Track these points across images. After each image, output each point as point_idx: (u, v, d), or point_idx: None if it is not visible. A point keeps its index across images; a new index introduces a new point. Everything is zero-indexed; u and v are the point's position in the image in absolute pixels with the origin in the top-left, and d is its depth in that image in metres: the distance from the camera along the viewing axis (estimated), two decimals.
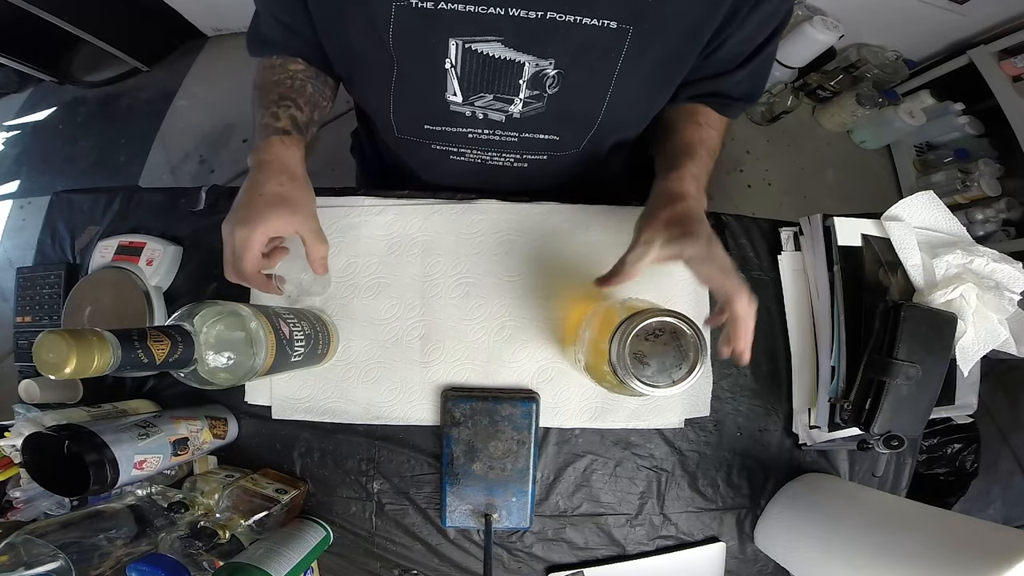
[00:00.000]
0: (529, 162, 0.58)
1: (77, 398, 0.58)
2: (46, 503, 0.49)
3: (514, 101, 0.48)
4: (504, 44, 0.43)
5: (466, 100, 0.48)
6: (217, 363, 0.37)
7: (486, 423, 0.54)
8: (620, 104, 0.49)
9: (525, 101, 0.48)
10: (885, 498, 0.55)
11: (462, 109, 0.49)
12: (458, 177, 0.61)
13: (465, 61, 0.44)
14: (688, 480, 0.59)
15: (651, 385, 0.39)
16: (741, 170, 1.73)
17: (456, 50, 0.43)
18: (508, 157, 0.57)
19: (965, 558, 0.40)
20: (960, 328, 0.55)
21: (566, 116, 0.50)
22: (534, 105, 0.49)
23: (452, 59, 0.44)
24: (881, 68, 1.62)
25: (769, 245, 0.63)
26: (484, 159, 0.57)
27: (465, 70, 0.45)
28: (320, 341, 0.51)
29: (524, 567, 0.58)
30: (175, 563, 0.44)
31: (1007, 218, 1.51)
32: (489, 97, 0.48)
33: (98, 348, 0.29)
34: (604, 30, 0.41)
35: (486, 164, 0.58)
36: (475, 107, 0.49)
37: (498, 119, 0.51)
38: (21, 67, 1.65)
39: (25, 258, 0.64)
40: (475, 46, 0.43)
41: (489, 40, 0.43)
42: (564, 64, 0.45)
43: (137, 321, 0.55)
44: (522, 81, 0.46)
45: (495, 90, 0.47)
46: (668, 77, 0.49)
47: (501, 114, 0.50)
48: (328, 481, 0.57)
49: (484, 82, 0.46)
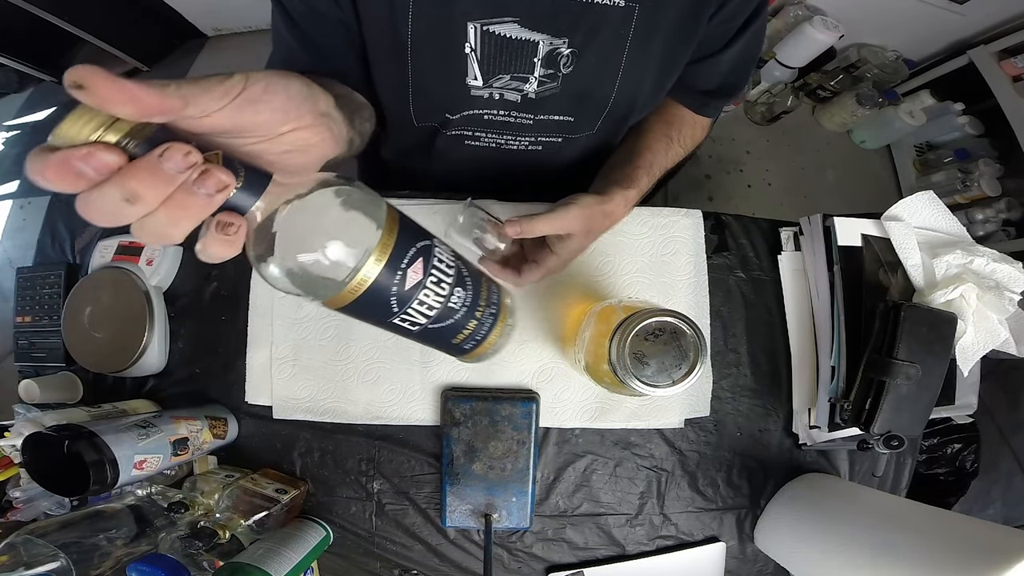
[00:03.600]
0: (544, 145, 0.57)
1: (77, 398, 0.58)
2: (46, 503, 0.49)
3: (529, 80, 0.49)
4: (520, 24, 0.44)
5: (486, 83, 0.49)
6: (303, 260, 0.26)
7: (486, 423, 0.54)
8: (631, 82, 0.50)
9: (540, 80, 0.49)
10: (885, 498, 0.55)
11: (481, 92, 0.50)
12: (471, 164, 0.60)
13: (484, 44, 0.45)
14: (688, 480, 0.59)
15: (651, 385, 0.39)
16: (741, 170, 1.73)
17: (475, 33, 0.44)
18: (523, 140, 0.57)
19: (965, 558, 0.40)
20: (960, 328, 0.55)
21: (580, 96, 0.51)
22: (548, 85, 0.49)
23: (472, 43, 0.45)
24: (881, 68, 1.62)
25: (769, 245, 0.63)
26: (499, 143, 0.57)
27: (485, 53, 0.46)
28: (479, 300, 0.35)
29: (524, 567, 0.58)
30: (175, 563, 0.44)
31: (1007, 218, 1.51)
32: (506, 78, 0.48)
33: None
34: (614, 8, 0.43)
35: (501, 148, 0.58)
36: (493, 88, 0.50)
37: (514, 99, 0.51)
38: (21, 67, 1.65)
39: (25, 258, 0.64)
40: (493, 28, 0.44)
41: (505, 21, 0.44)
42: (578, 43, 0.45)
43: (137, 323, 0.55)
44: (536, 59, 0.47)
45: (512, 70, 0.48)
46: (676, 54, 0.50)
47: (517, 94, 0.50)
48: (328, 481, 0.57)
49: (502, 63, 0.47)
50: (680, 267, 0.60)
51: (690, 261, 0.60)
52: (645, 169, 0.52)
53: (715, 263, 0.61)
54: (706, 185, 1.70)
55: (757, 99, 1.71)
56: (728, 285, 0.62)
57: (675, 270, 0.60)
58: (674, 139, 0.56)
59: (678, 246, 0.60)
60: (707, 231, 0.61)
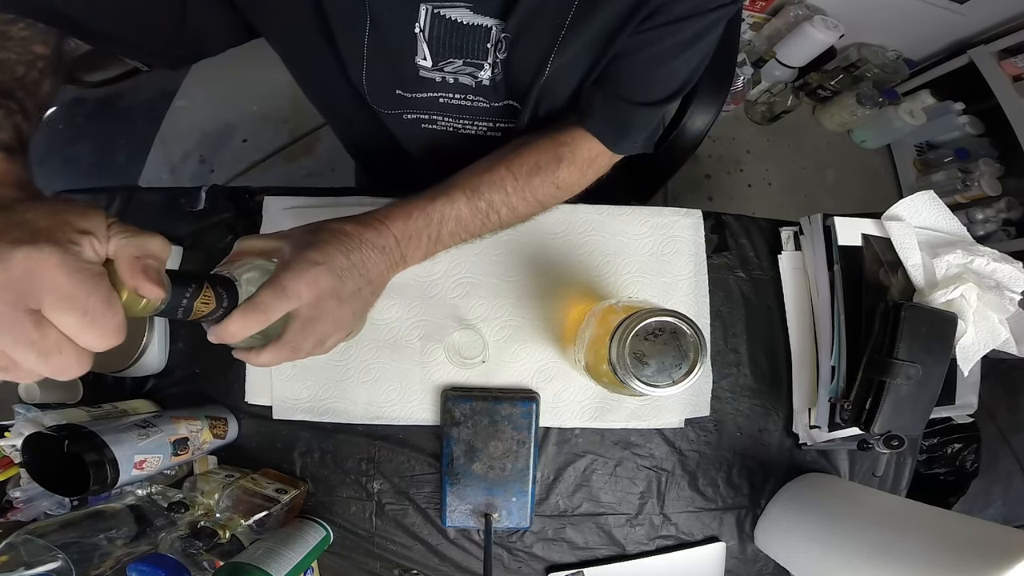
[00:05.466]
0: (503, 131, 0.56)
1: (77, 398, 0.57)
2: (46, 503, 0.49)
3: (483, 67, 0.48)
4: (473, 11, 0.43)
5: (435, 65, 0.48)
6: None
7: (486, 423, 0.54)
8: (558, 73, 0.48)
9: (493, 65, 0.48)
10: (885, 498, 0.55)
11: (432, 75, 0.49)
12: (432, 149, 0.59)
13: (434, 26, 0.44)
14: (688, 480, 0.59)
15: (651, 385, 0.39)
16: (741, 170, 1.73)
17: (425, 14, 0.44)
18: (481, 125, 0.56)
19: (965, 558, 0.40)
20: (960, 328, 0.55)
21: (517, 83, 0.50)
22: (499, 71, 0.49)
23: (421, 23, 0.44)
24: (881, 68, 1.62)
25: (769, 245, 0.63)
26: (456, 127, 0.56)
27: (433, 35, 0.45)
28: None
29: (524, 567, 0.58)
30: (175, 563, 0.44)
31: (1007, 218, 1.51)
32: (459, 62, 0.48)
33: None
34: None
35: (459, 133, 0.57)
36: (445, 72, 0.49)
37: (468, 83, 0.50)
38: None
39: None
40: (444, 11, 0.43)
41: (457, 6, 0.43)
42: (512, 27, 0.44)
43: (137, 323, 0.55)
44: (489, 45, 0.46)
45: (464, 55, 0.47)
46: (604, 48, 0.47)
47: (471, 79, 0.50)
48: (328, 481, 0.57)
49: (453, 47, 0.46)
50: (680, 267, 0.60)
51: (690, 261, 0.60)
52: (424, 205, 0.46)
53: (715, 263, 0.61)
54: (706, 185, 1.70)
55: (757, 99, 1.71)
56: (728, 285, 0.62)
57: (675, 270, 0.60)
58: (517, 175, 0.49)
59: (678, 246, 0.60)
60: (707, 231, 0.61)
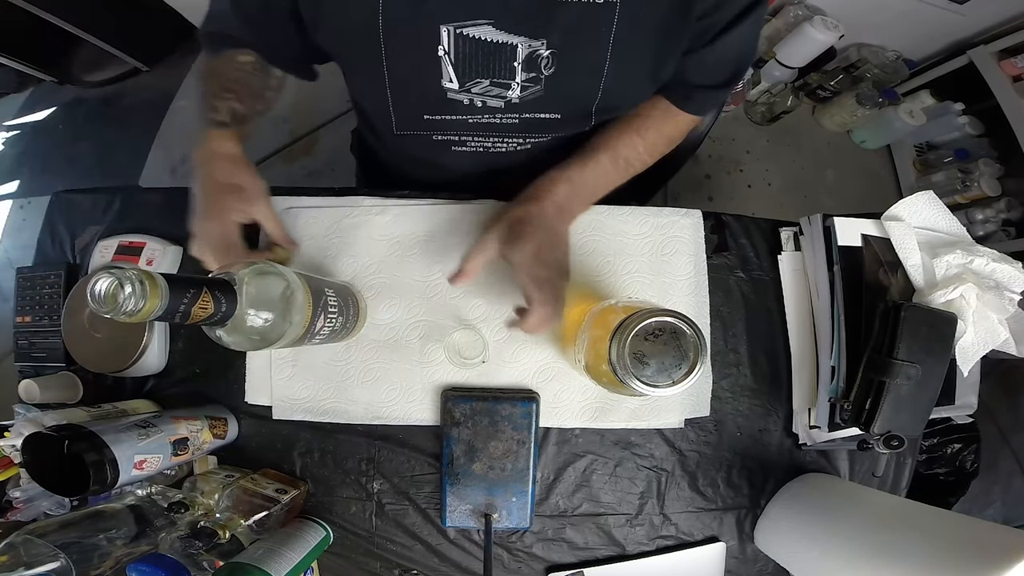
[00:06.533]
0: (533, 144, 0.57)
1: (77, 398, 0.58)
2: (46, 503, 0.49)
3: (511, 86, 0.48)
4: (495, 27, 0.43)
5: (463, 87, 0.48)
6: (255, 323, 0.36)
7: (486, 423, 0.54)
8: (619, 80, 0.48)
9: (523, 85, 0.48)
10: (885, 498, 0.55)
11: (459, 97, 0.49)
12: (461, 169, 0.60)
13: (458, 47, 0.45)
14: (688, 480, 0.59)
15: (651, 385, 0.39)
16: (741, 170, 1.73)
17: (448, 36, 0.44)
18: (511, 142, 0.56)
19: (965, 558, 0.40)
20: (960, 328, 0.55)
21: (566, 96, 0.50)
22: (532, 89, 0.49)
23: (445, 46, 0.44)
24: (881, 68, 1.62)
25: (769, 245, 0.63)
26: (487, 146, 0.57)
27: (459, 55, 0.45)
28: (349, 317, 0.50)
29: (524, 567, 0.58)
30: (175, 563, 0.44)
31: (1007, 218, 1.51)
32: (486, 83, 0.48)
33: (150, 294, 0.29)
34: (592, 6, 0.42)
35: (489, 151, 0.58)
36: (472, 94, 0.49)
37: (497, 105, 0.50)
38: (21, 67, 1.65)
39: (25, 258, 0.64)
40: (467, 31, 0.43)
41: (480, 24, 0.43)
42: (556, 43, 0.45)
43: (135, 325, 0.55)
44: (517, 64, 0.46)
45: (491, 74, 0.47)
46: (663, 51, 0.48)
47: (500, 100, 0.50)
48: (328, 481, 0.57)
49: (479, 67, 0.46)
50: (680, 267, 0.60)
51: (690, 261, 0.60)
52: (592, 152, 0.52)
53: (715, 263, 0.61)
54: (706, 185, 1.70)
55: (757, 99, 1.71)
56: (728, 285, 0.62)
57: (675, 270, 0.60)
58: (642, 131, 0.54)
59: (678, 246, 0.60)
60: (707, 231, 0.61)
